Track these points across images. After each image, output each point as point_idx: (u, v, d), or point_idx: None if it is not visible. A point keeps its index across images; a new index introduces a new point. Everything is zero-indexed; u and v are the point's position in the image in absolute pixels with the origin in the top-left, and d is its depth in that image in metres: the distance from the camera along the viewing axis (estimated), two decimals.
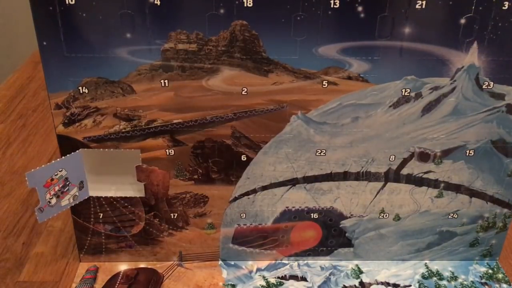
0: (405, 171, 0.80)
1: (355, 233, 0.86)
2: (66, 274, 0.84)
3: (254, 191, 0.81)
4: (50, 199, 0.73)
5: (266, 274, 0.86)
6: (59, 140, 0.75)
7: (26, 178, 0.69)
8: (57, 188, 0.74)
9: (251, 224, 0.84)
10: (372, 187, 0.81)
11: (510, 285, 0.85)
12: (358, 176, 0.80)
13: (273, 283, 0.84)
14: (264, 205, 0.82)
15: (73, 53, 0.67)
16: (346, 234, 0.86)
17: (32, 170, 0.69)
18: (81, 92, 0.71)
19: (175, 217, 0.83)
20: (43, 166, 0.71)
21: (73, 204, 0.78)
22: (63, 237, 0.91)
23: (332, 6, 0.65)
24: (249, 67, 0.71)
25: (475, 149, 0.78)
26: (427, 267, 0.88)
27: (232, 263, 0.88)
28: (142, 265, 0.86)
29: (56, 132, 0.74)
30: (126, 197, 0.81)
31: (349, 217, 0.84)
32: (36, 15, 0.65)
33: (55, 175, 0.73)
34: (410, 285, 0.85)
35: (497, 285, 0.85)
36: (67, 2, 0.64)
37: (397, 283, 0.85)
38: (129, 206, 0.82)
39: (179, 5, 0.65)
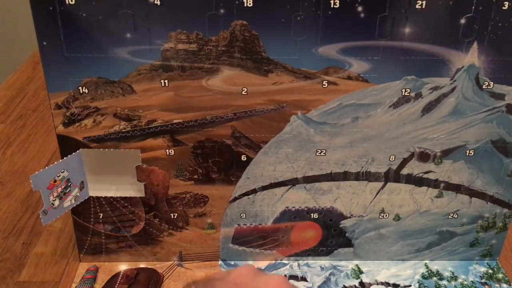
0: (405, 171, 0.80)
1: (355, 233, 0.86)
2: (66, 274, 0.84)
3: (254, 191, 0.81)
4: (53, 201, 0.73)
5: None
6: (59, 140, 0.75)
7: (31, 181, 0.69)
8: (59, 189, 0.74)
9: (251, 224, 0.84)
10: (372, 187, 0.81)
11: (510, 285, 0.85)
12: (358, 176, 0.80)
13: None
14: (264, 205, 0.82)
15: (73, 53, 0.67)
16: (346, 234, 0.86)
17: (36, 172, 0.69)
18: (81, 92, 0.71)
19: (175, 217, 0.83)
20: (46, 168, 0.71)
21: (74, 205, 0.78)
22: (63, 237, 0.91)
23: (332, 6, 0.65)
24: (249, 67, 0.71)
25: (475, 149, 0.78)
26: (427, 267, 0.88)
27: (232, 263, 0.88)
28: (142, 265, 0.86)
29: (56, 132, 0.74)
30: (126, 197, 0.81)
31: (349, 217, 0.84)
32: (36, 15, 0.65)
33: (58, 176, 0.73)
34: (410, 285, 0.85)
35: (497, 285, 0.85)
36: (67, 2, 0.64)
37: (397, 283, 0.85)
38: (129, 206, 0.82)
39: (179, 5, 0.65)
